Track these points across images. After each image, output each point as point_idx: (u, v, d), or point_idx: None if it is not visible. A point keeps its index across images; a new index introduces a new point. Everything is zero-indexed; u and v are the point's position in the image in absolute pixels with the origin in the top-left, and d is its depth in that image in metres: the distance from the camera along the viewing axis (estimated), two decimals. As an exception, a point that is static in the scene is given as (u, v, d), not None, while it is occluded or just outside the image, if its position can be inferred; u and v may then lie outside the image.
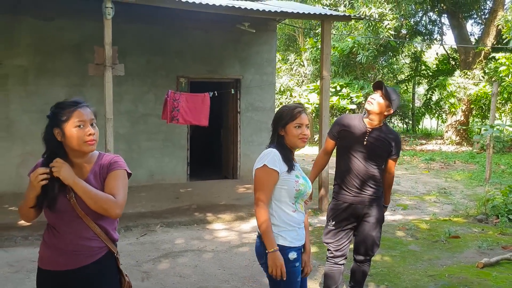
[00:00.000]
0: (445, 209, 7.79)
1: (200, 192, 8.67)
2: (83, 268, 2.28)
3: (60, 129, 2.25)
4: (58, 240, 2.29)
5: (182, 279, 4.71)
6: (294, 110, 2.75)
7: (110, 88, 6.14)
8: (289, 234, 2.69)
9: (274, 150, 2.69)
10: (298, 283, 2.73)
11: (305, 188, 2.75)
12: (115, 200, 2.24)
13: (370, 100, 3.57)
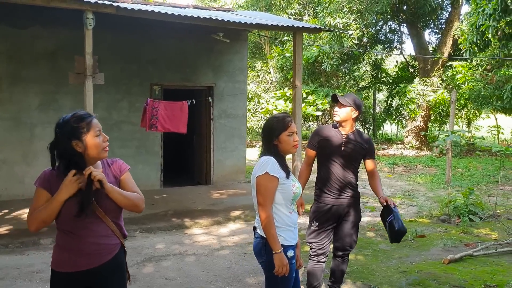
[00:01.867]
0: (410, 211, 8.25)
1: (175, 198, 8.83)
2: (103, 264, 2.49)
3: (80, 140, 2.40)
4: (77, 243, 2.45)
5: (168, 281, 4.90)
6: (285, 120, 3.03)
7: (90, 97, 6.27)
8: (288, 234, 2.97)
9: (272, 158, 2.94)
10: (293, 279, 3.01)
11: (299, 190, 3.04)
12: (141, 196, 2.58)
13: (335, 114, 3.98)
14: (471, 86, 15.87)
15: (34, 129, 8.58)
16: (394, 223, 3.68)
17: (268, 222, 2.86)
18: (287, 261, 2.86)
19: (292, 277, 2.98)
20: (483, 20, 10.17)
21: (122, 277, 2.62)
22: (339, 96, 4.00)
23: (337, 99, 3.98)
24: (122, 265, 2.62)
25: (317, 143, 4.05)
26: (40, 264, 5.40)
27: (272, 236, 2.86)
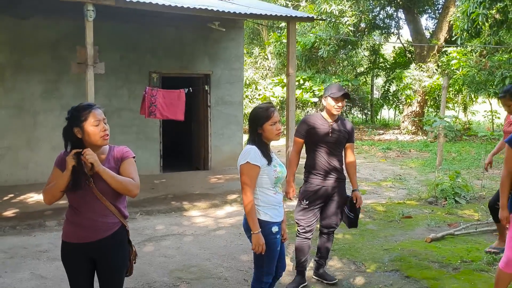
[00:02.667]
0: (400, 194, 8.58)
1: (174, 182, 9.16)
2: (101, 240, 2.83)
3: (79, 128, 2.77)
4: (79, 218, 2.83)
5: (168, 259, 5.25)
6: (268, 111, 3.33)
7: (92, 86, 6.56)
8: (273, 212, 3.31)
9: (253, 148, 3.28)
10: (278, 252, 3.37)
11: (282, 173, 3.36)
12: (135, 182, 2.84)
13: (338, 108, 4.28)
14: (465, 71, 16.12)
15: (37, 116, 8.87)
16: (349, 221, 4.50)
17: (249, 206, 3.21)
18: (263, 241, 3.21)
19: (276, 249, 3.33)
20: (473, 8, 10.38)
21: (122, 253, 2.94)
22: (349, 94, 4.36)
23: (348, 96, 4.33)
24: (122, 242, 2.94)
25: (305, 132, 4.37)
26: (47, 244, 5.75)
27: (251, 219, 3.22)
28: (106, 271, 2.91)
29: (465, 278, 4.51)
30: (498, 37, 12.42)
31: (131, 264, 3.06)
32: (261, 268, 3.36)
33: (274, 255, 3.34)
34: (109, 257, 2.88)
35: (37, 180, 8.75)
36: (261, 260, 3.33)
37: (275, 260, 3.38)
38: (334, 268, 4.90)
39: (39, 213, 6.90)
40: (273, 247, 3.30)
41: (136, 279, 4.64)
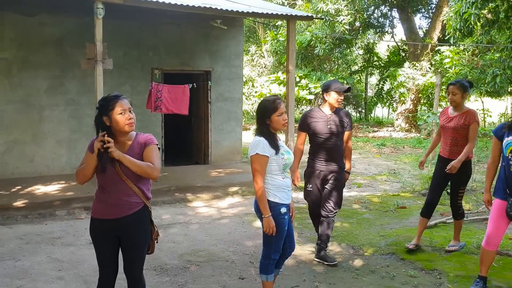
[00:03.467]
0: (394, 187, 8.92)
1: (176, 176, 9.43)
2: (125, 217, 3.13)
3: (108, 116, 3.08)
4: (106, 196, 3.14)
5: (176, 245, 5.54)
6: (275, 103, 3.66)
7: (101, 81, 6.84)
8: (282, 194, 3.66)
9: (262, 139, 3.60)
10: (285, 231, 3.70)
11: (289, 160, 3.70)
12: (154, 166, 3.11)
13: (339, 101, 4.74)
14: (458, 70, 16.49)
15: (43, 111, 9.12)
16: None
17: (260, 192, 3.56)
18: (273, 224, 3.56)
19: (284, 229, 3.67)
20: (466, 8, 10.72)
21: (144, 230, 3.24)
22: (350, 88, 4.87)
23: (350, 90, 4.81)
24: (143, 220, 3.23)
25: (307, 125, 4.82)
26: (59, 232, 6.02)
27: (262, 204, 3.56)
28: (129, 247, 3.20)
29: (456, 259, 4.85)
30: (490, 37, 12.78)
31: (153, 243, 3.36)
32: (270, 247, 3.69)
33: (282, 234, 3.67)
34: (131, 233, 3.17)
35: (43, 173, 9.01)
36: (270, 239, 3.65)
37: (283, 238, 3.70)
38: (333, 252, 5.21)
39: (48, 204, 7.16)
40: (281, 227, 3.64)
41: (148, 262, 4.89)
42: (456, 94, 4.85)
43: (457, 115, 4.90)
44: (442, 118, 5.07)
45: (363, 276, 4.52)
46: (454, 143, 4.91)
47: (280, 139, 3.79)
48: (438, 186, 5.17)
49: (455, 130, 4.88)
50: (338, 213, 6.77)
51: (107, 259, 3.21)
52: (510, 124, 3.92)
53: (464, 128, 4.82)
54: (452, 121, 4.92)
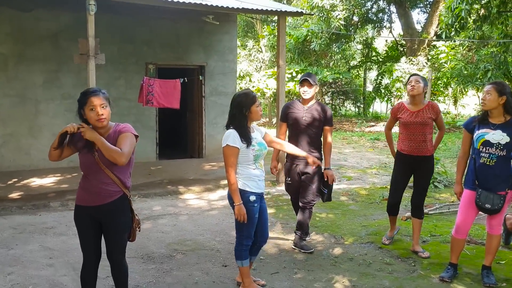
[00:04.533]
0: (383, 179, 9.08)
1: (170, 169, 9.61)
2: (104, 205, 3.31)
3: (83, 110, 3.25)
4: (88, 184, 3.32)
5: (164, 234, 5.72)
6: (252, 95, 3.89)
7: (93, 75, 6.98)
8: (251, 183, 3.87)
9: (233, 131, 3.80)
10: (256, 219, 3.91)
11: (260, 151, 3.88)
12: (121, 151, 3.18)
13: (304, 92, 4.86)
14: (453, 65, 16.63)
15: (39, 105, 9.29)
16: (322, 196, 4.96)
17: (232, 186, 3.77)
18: (244, 211, 3.77)
19: (254, 216, 3.89)
20: (457, 3, 10.85)
21: (123, 217, 3.40)
22: (311, 75, 4.94)
23: (308, 81, 4.86)
24: (123, 208, 3.38)
25: (285, 116, 5.02)
26: (52, 222, 6.20)
27: (233, 192, 3.78)
28: (109, 233, 3.39)
29: (432, 248, 5.02)
30: (482, 32, 12.90)
31: (133, 231, 3.52)
32: (242, 233, 3.92)
33: (252, 221, 3.88)
34: (111, 220, 3.34)
35: (39, 166, 9.18)
36: (241, 226, 3.87)
37: (254, 225, 3.91)
38: (316, 241, 5.39)
39: (43, 195, 7.35)
40: (251, 214, 3.85)
41: (136, 251, 5.11)
42: (419, 82, 4.67)
43: (422, 109, 4.70)
44: (404, 114, 4.76)
45: (341, 264, 4.70)
46: (423, 138, 4.71)
47: (257, 130, 3.98)
48: (401, 186, 5.04)
49: (423, 124, 4.68)
50: (325, 205, 6.99)
51: (90, 244, 3.39)
52: (481, 118, 4.07)
53: (431, 121, 4.70)
54: (419, 115, 4.70)
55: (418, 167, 4.82)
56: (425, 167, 4.83)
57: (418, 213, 4.98)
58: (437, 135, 4.95)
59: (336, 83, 23.83)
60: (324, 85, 22.66)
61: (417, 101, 4.75)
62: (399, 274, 4.41)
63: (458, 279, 4.24)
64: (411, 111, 4.76)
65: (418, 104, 4.75)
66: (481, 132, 4.01)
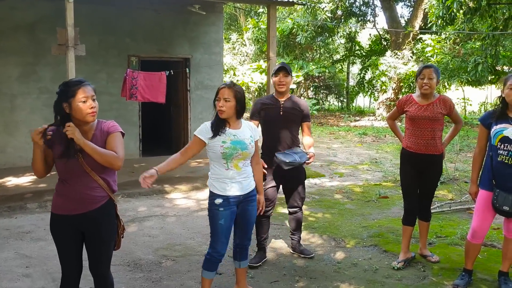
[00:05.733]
0: (376, 176, 8.81)
1: (154, 166, 9.16)
2: (89, 212, 2.91)
3: (68, 103, 2.83)
4: (68, 190, 2.90)
5: (152, 238, 5.33)
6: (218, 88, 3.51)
7: (72, 67, 6.53)
8: (219, 184, 3.47)
9: (207, 123, 3.49)
10: (222, 226, 3.48)
11: (231, 150, 3.40)
12: (117, 156, 2.87)
13: (280, 84, 4.39)
14: (439, 59, 16.47)
15: (15, 100, 8.76)
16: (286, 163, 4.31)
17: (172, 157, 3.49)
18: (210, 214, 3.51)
19: (218, 222, 3.48)
20: (449, -5, 10.63)
21: (110, 226, 3.03)
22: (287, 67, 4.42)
23: (284, 68, 4.39)
24: (109, 215, 3.01)
25: (258, 113, 4.48)
26: (29, 226, 5.75)
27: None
28: (94, 244, 2.99)
29: (440, 251, 4.73)
30: (472, 25, 12.73)
31: (119, 238, 3.14)
32: (211, 239, 3.58)
33: (216, 228, 3.49)
34: (97, 229, 2.96)
35: (15, 164, 8.66)
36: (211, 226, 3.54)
37: (220, 234, 3.49)
38: (315, 244, 5.06)
39: (19, 196, 6.87)
40: (215, 219, 3.48)
41: (121, 257, 4.72)
42: (433, 78, 4.23)
43: (432, 103, 4.28)
44: (412, 107, 4.34)
45: (345, 270, 4.37)
46: (432, 135, 4.28)
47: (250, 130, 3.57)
48: (413, 187, 4.49)
49: (433, 120, 4.25)
50: (320, 204, 6.68)
51: (70, 257, 3.00)
52: (499, 113, 3.74)
53: (442, 117, 4.30)
54: (428, 110, 4.27)
55: (426, 167, 4.37)
56: (434, 167, 4.41)
57: (425, 215, 4.59)
58: (452, 129, 4.51)
59: (320, 77, 23.60)
60: (308, 79, 22.41)
61: (428, 95, 4.34)
62: (409, 281, 4.10)
63: (474, 287, 3.94)
64: (420, 104, 4.32)
65: (429, 98, 4.34)
66: (499, 128, 3.68)
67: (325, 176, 8.72)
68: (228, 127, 3.46)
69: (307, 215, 6.15)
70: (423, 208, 4.55)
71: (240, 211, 3.56)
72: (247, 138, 3.49)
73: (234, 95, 3.42)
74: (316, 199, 7.05)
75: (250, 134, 3.54)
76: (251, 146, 3.50)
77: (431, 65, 4.37)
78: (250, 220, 3.67)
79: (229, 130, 3.46)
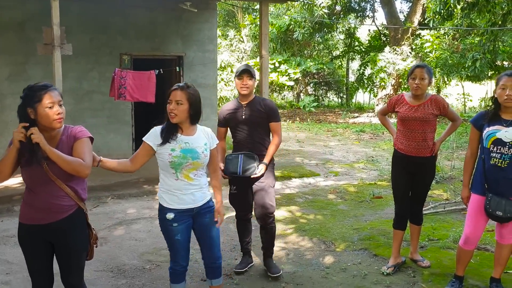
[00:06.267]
0: (371, 175, 8.68)
1: (147, 166, 8.82)
2: (56, 222, 2.79)
3: (33, 108, 2.70)
4: (34, 199, 2.77)
5: (138, 242, 5.21)
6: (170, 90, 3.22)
7: (59, 67, 6.40)
8: (169, 197, 3.19)
9: (156, 127, 3.24)
10: (177, 241, 3.23)
11: (181, 159, 3.12)
12: (84, 163, 2.75)
13: (242, 86, 4.12)
14: (438, 54, 16.31)
15: (4, 100, 8.63)
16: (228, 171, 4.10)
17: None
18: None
19: (174, 238, 3.22)
20: (446, -10, 10.47)
21: (80, 236, 2.90)
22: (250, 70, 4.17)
23: (247, 70, 4.12)
24: (79, 225, 2.89)
25: (223, 119, 4.25)
26: (15, 229, 5.54)
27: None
28: (64, 254, 2.88)
29: (432, 255, 4.60)
30: (470, 20, 12.56)
31: (91, 248, 3.02)
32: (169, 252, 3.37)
33: (172, 243, 3.25)
34: (66, 240, 2.84)
35: (6, 165, 8.54)
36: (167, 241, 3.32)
37: (177, 249, 3.28)
38: (304, 248, 4.94)
39: (7, 198, 6.76)
40: (169, 235, 3.23)
41: (105, 262, 4.61)
42: (425, 79, 4.06)
43: (423, 103, 4.12)
44: (403, 108, 4.17)
45: (333, 275, 4.25)
46: (423, 137, 4.10)
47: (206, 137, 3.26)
48: (405, 190, 4.30)
49: (424, 121, 4.09)
50: (312, 205, 6.56)
51: (40, 269, 2.88)
52: (491, 115, 3.58)
53: (434, 118, 4.14)
54: (419, 111, 4.11)
55: (418, 169, 4.21)
56: (426, 170, 4.25)
57: (416, 219, 4.44)
58: (449, 126, 4.32)
59: (319, 73, 23.45)
60: (307, 75, 22.25)
61: (419, 96, 4.18)
62: (398, 287, 3.98)
63: (464, 293, 3.82)
64: (411, 105, 4.16)
65: (420, 98, 4.18)
66: (492, 130, 3.52)
67: (320, 175, 8.60)
68: (181, 133, 3.18)
69: (299, 216, 6.05)
70: (414, 211, 4.40)
71: (197, 226, 3.28)
72: (200, 146, 3.18)
73: (187, 98, 3.13)
74: (309, 199, 6.92)
75: (205, 141, 3.21)
76: (204, 155, 3.18)
77: (423, 65, 4.20)
78: (211, 235, 3.33)
79: (181, 136, 3.17)
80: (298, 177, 8.36)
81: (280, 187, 7.65)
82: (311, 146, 12.04)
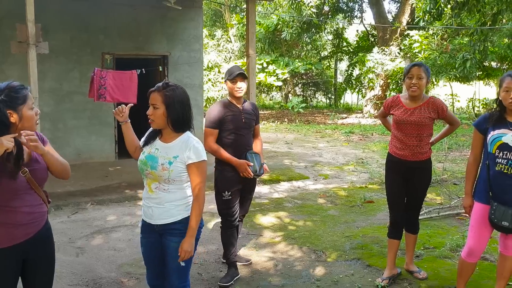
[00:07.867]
0: (362, 177, 8.44)
1: (130, 170, 8.72)
2: (38, 232, 2.55)
3: (14, 110, 2.37)
4: (12, 216, 2.44)
5: (117, 252, 4.90)
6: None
7: (34, 67, 6.05)
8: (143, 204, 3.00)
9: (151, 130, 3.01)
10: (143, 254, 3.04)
11: (142, 165, 2.85)
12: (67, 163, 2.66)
13: (238, 90, 4.02)
14: (427, 55, 16.18)
15: (-20, 100, 8.25)
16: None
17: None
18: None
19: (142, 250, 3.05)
20: (436, -11, 10.29)
21: (52, 242, 2.72)
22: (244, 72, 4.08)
23: (244, 75, 4.05)
24: (51, 230, 2.70)
25: (219, 121, 4.01)
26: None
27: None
28: (41, 269, 2.62)
29: (428, 265, 4.35)
30: (460, 20, 12.41)
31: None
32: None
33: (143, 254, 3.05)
34: (46, 247, 2.64)
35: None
36: None
37: (145, 263, 3.07)
38: (293, 257, 4.66)
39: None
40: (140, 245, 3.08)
41: (81, 275, 4.30)
42: (422, 78, 3.80)
43: (419, 106, 3.87)
44: (398, 110, 3.94)
45: (325, 288, 3.98)
46: (418, 141, 3.89)
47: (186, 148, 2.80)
48: (400, 196, 4.07)
49: (420, 125, 3.86)
50: (302, 210, 6.32)
51: None
52: (496, 118, 3.30)
53: (430, 122, 3.90)
54: (414, 114, 3.87)
55: (413, 174, 3.97)
56: (421, 175, 4.00)
57: (413, 227, 4.20)
58: (446, 128, 4.12)
59: (307, 74, 23.25)
60: (295, 76, 22.04)
61: (416, 98, 3.92)
62: (394, 302, 3.73)
63: (465, 308, 3.58)
64: (407, 108, 3.91)
65: (417, 100, 3.92)
66: (497, 133, 3.26)
67: (309, 178, 8.34)
68: (159, 139, 2.91)
69: (287, 223, 5.77)
70: (410, 219, 4.15)
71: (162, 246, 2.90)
72: (165, 157, 2.78)
73: (162, 100, 2.77)
74: (298, 204, 6.66)
75: (175, 154, 2.78)
76: (163, 168, 2.75)
77: (420, 64, 3.93)
78: (168, 262, 2.87)
79: (157, 141, 2.90)
80: (287, 180, 8.10)
81: (268, 191, 7.38)
82: (299, 148, 11.78)
